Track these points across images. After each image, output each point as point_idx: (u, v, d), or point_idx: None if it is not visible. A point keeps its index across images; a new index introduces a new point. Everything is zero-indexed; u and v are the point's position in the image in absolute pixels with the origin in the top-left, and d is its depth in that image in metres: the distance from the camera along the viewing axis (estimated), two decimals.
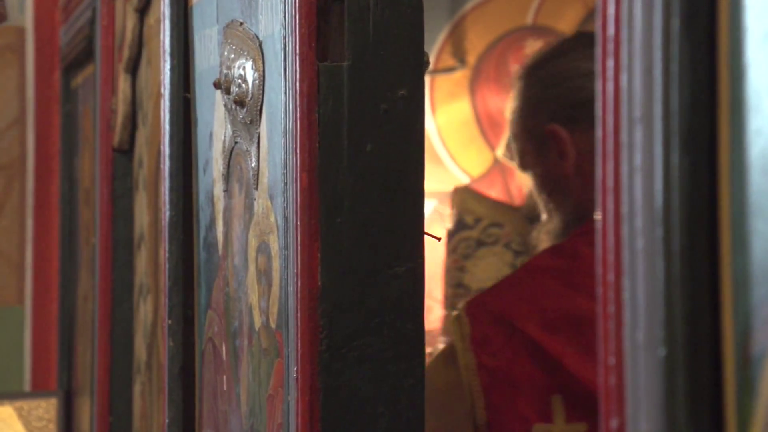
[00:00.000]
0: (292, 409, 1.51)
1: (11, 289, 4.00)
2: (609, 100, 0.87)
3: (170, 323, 2.05)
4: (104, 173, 2.89)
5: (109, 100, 2.87)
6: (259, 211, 1.68)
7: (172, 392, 2.05)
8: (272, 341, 1.63)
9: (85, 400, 3.39)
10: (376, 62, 1.50)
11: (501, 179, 4.47)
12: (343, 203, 1.50)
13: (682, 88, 0.82)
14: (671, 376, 0.81)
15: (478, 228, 3.94)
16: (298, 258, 1.50)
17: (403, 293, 1.51)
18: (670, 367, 0.81)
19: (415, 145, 1.52)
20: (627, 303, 0.85)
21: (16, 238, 4.00)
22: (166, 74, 2.10)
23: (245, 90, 1.70)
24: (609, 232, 0.87)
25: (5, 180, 4.01)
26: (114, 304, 2.86)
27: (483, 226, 3.93)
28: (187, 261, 2.05)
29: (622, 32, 0.86)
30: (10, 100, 4.00)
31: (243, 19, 1.73)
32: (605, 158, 0.87)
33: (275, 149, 1.60)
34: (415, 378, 1.51)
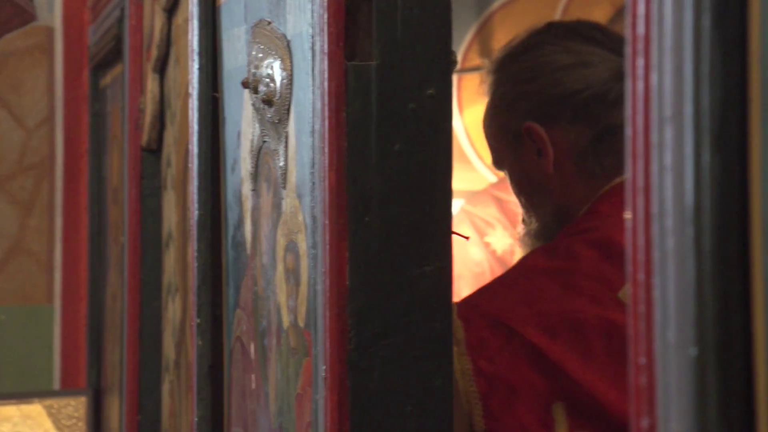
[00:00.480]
0: (321, 408, 1.51)
1: (40, 288, 4.02)
2: (639, 100, 0.87)
3: (199, 322, 2.06)
4: (132, 172, 2.90)
5: (138, 99, 2.88)
6: (287, 210, 1.68)
7: (200, 391, 2.06)
8: (300, 340, 1.63)
9: (114, 399, 3.40)
10: (404, 61, 1.50)
11: None
12: (371, 202, 1.50)
13: (712, 86, 0.82)
14: (702, 375, 0.81)
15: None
16: (326, 257, 1.50)
17: (431, 292, 1.51)
18: (701, 366, 0.81)
19: (443, 145, 1.52)
20: (657, 302, 0.84)
21: (45, 238, 4.02)
22: (194, 74, 2.10)
23: (273, 89, 1.71)
24: (639, 231, 0.87)
25: (34, 179, 4.03)
26: (142, 303, 2.87)
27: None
28: (215, 260, 2.06)
29: (652, 31, 0.85)
30: (39, 99, 4.02)
31: (271, 18, 1.73)
32: (635, 158, 0.87)
33: (303, 148, 1.61)
34: (444, 377, 1.51)
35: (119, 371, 3.14)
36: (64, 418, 3.65)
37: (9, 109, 4.02)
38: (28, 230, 4.02)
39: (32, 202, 4.02)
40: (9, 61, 4.01)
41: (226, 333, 2.02)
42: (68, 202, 3.99)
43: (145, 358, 2.85)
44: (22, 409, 3.65)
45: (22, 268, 4.01)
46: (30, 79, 4.01)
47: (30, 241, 4.01)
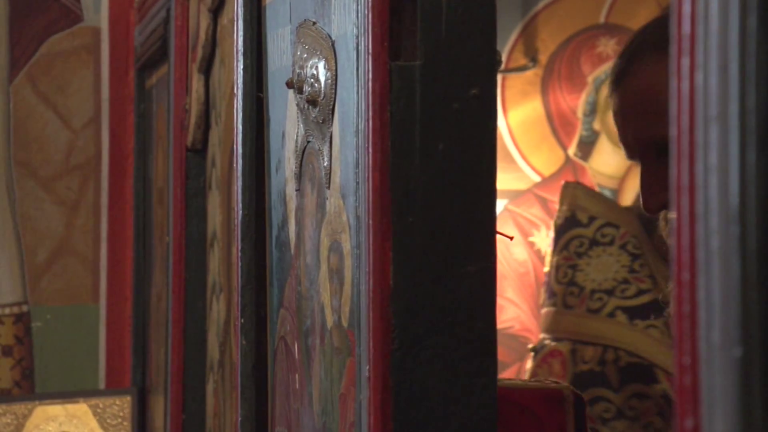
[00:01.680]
0: (364, 407, 1.51)
1: (86, 287, 4.05)
2: (684, 99, 0.87)
3: (243, 322, 2.06)
4: (178, 172, 2.91)
5: (183, 99, 2.89)
6: (331, 210, 1.69)
7: (244, 390, 2.06)
8: (344, 340, 1.63)
9: (158, 398, 3.42)
10: (449, 61, 1.50)
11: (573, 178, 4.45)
12: (415, 202, 1.50)
13: (758, 86, 0.82)
14: (747, 376, 0.80)
15: (592, 227, 3.87)
16: (370, 257, 1.50)
17: (474, 292, 1.51)
18: (745, 367, 0.80)
19: (487, 145, 1.52)
20: (702, 302, 0.84)
21: (90, 237, 4.05)
22: (239, 74, 2.11)
23: (318, 89, 1.71)
24: (684, 231, 0.86)
25: (80, 179, 4.06)
26: (187, 303, 2.88)
27: (597, 225, 3.87)
28: (259, 260, 2.06)
29: (698, 30, 0.85)
30: (85, 100, 4.05)
31: (316, 18, 1.74)
32: (680, 157, 0.87)
33: (347, 148, 1.61)
34: (488, 377, 1.51)
35: (164, 371, 3.16)
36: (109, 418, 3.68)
37: (55, 109, 4.05)
38: (73, 230, 4.05)
39: (78, 202, 4.05)
40: (55, 61, 4.04)
41: (270, 333, 2.03)
42: (114, 202, 4.02)
43: (189, 357, 2.86)
44: (67, 408, 3.68)
45: (68, 268, 4.04)
46: (76, 80, 4.04)
47: (76, 241, 4.04)
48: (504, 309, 4.27)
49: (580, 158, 4.48)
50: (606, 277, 3.80)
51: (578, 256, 3.84)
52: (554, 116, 4.45)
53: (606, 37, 4.38)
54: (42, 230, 4.04)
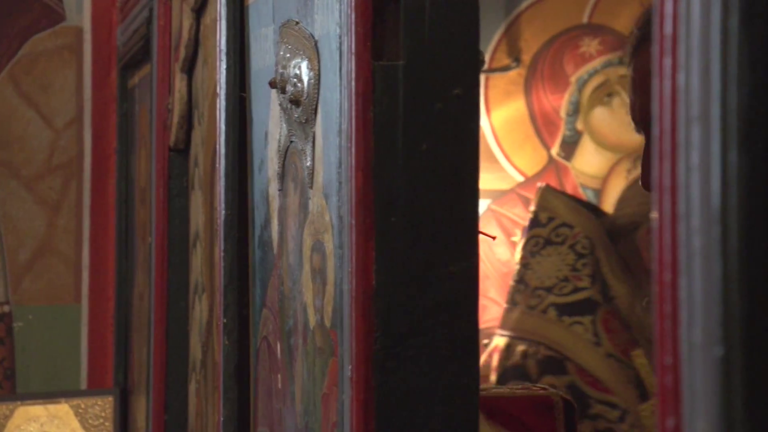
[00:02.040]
0: (347, 407, 1.51)
1: (68, 287, 4.04)
2: (666, 99, 0.87)
3: (225, 322, 2.06)
4: (160, 172, 2.91)
5: (166, 99, 2.89)
6: (314, 210, 1.69)
7: (227, 390, 2.06)
8: (327, 340, 1.63)
9: (140, 398, 3.42)
10: (432, 61, 1.50)
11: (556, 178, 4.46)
12: (398, 202, 1.50)
13: (740, 86, 0.82)
14: (728, 375, 0.80)
15: (549, 227, 3.94)
16: (353, 257, 1.50)
17: (457, 292, 1.51)
18: (727, 366, 0.80)
19: (470, 144, 1.52)
20: (683, 302, 0.84)
21: (73, 237, 4.04)
22: (222, 74, 2.11)
23: (301, 89, 1.71)
24: (666, 231, 0.86)
25: (63, 179, 4.05)
26: (170, 303, 2.87)
27: (554, 226, 3.93)
28: (242, 260, 2.06)
29: (680, 30, 0.85)
30: (67, 99, 4.04)
31: (299, 18, 1.74)
32: (662, 157, 0.87)
33: (330, 148, 1.61)
34: (470, 377, 1.51)
35: (146, 371, 3.15)
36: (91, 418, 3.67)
37: (37, 109, 4.04)
38: (56, 230, 4.04)
39: (60, 202, 4.04)
40: (38, 61, 4.03)
41: (253, 333, 2.03)
42: (96, 202, 4.01)
43: (172, 357, 2.86)
44: (49, 408, 3.67)
45: (50, 268, 4.03)
46: (58, 80, 4.03)
47: (58, 241, 4.03)
48: (487, 309, 4.27)
49: (563, 158, 4.49)
50: (549, 275, 3.87)
51: (532, 255, 3.93)
52: (537, 116, 4.45)
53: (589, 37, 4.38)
54: (24, 230, 4.03)
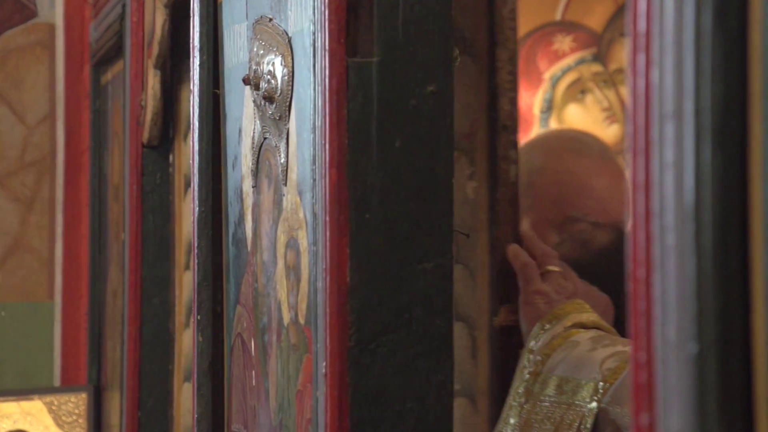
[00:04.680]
0: (321, 404, 1.51)
1: (41, 284, 4.02)
2: (639, 96, 0.87)
3: (199, 318, 2.06)
4: (133, 169, 2.90)
5: (139, 96, 2.88)
6: (288, 206, 1.68)
7: (200, 387, 2.06)
8: (301, 337, 1.63)
9: (114, 395, 3.41)
10: (406, 58, 1.50)
11: None
12: (372, 199, 1.50)
13: (713, 83, 0.82)
14: (702, 372, 0.81)
15: None
16: (327, 254, 1.50)
17: (432, 289, 1.51)
18: (701, 363, 0.81)
19: (444, 141, 1.52)
20: (657, 299, 0.84)
21: (46, 234, 4.02)
22: (196, 70, 2.10)
23: (274, 86, 1.71)
24: (639, 228, 0.87)
25: (35, 176, 4.03)
26: (143, 300, 2.87)
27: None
28: (215, 257, 2.06)
29: (653, 27, 0.85)
30: (40, 96, 4.02)
31: (272, 15, 1.73)
32: (636, 154, 0.87)
33: (304, 145, 1.61)
34: (444, 374, 1.51)
35: (120, 368, 3.14)
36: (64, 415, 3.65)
37: (10, 105, 4.02)
38: (28, 227, 4.02)
39: (33, 198, 4.02)
40: (10, 57, 4.01)
41: (227, 330, 2.02)
42: (69, 198, 3.99)
43: (145, 354, 2.85)
44: (22, 405, 3.65)
45: (23, 265, 4.02)
46: (31, 76, 4.01)
47: (31, 237, 4.02)
48: None
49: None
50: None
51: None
52: None
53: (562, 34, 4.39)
54: None
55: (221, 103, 2.05)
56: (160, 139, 2.82)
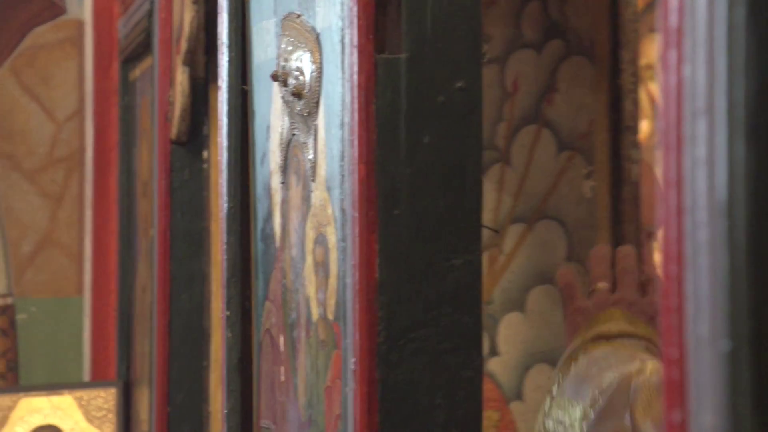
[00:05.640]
0: (350, 400, 1.51)
1: (71, 280, 4.04)
2: (671, 92, 0.86)
3: (228, 314, 2.06)
4: (162, 165, 2.90)
5: (167, 92, 2.88)
6: (317, 202, 1.68)
7: (230, 383, 2.06)
8: (330, 333, 1.63)
9: (143, 390, 3.42)
10: (434, 54, 1.50)
11: None
12: (401, 195, 1.50)
13: (746, 78, 0.82)
14: (735, 369, 0.80)
15: None
16: (355, 250, 1.50)
17: (460, 285, 1.51)
18: (734, 360, 0.80)
19: (473, 137, 1.52)
20: (690, 296, 0.84)
21: (75, 230, 4.04)
22: (224, 66, 2.10)
23: (303, 82, 1.71)
24: (671, 224, 0.86)
25: (65, 172, 4.04)
26: (172, 295, 2.87)
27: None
28: (244, 253, 2.06)
29: (685, 23, 0.85)
30: (69, 92, 4.03)
31: (300, 11, 1.73)
32: (668, 150, 0.87)
33: (332, 141, 1.61)
34: (473, 370, 1.51)
35: (149, 363, 3.15)
36: (93, 410, 3.67)
37: (39, 102, 4.04)
38: (58, 223, 4.04)
39: (62, 194, 4.04)
40: (39, 54, 4.03)
41: (256, 325, 2.02)
42: (98, 194, 4.01)
43: (174, 350, 2.86)
44: (52, 400, 3.67)
45: (53, 261, 4.04)
46: (60, 73, 4.03)
47: (60, 233, 4.03)
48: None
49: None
50: None
51: None
52: None
53: None
54: (26, 222, 4.03)
55: (249, 99, 2.06)
56: (188, 135, 2.83)
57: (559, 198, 2.17)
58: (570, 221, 2.18)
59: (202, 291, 2.87)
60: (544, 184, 2.17)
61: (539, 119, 2.19)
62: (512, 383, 2.21)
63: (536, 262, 2.30)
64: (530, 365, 2.28)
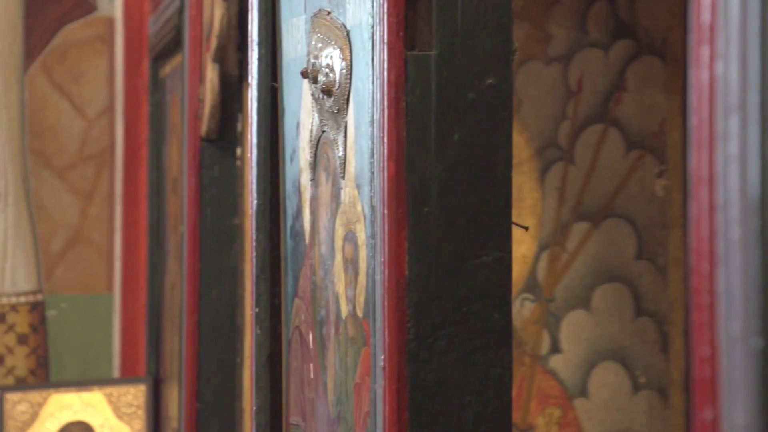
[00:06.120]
0: (379, 397, 1.51)
1: (100, 276, 4.06)
2: (703, 89, 0.86)
3: (257, 311, 2.06)
4: (192, 162, 2.91)
5: (197, 89, 2.89)
6: (346, 200, 1.68)
7: (259, 380, 2.06)
8: (359, 330, 1.63)
9: (173, 387, 3.43)
10: (464, 51, 1.50)
11: None
12: (431, 192, 1.49)
13: None
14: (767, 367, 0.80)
15: None
16: (385, 247, 1.50)
17: (490, 283, 1.50)
18: (765, 358, 0.80)
19: (503, 134, 1.52)
20: (722, 293, 0.83)
21: (105, 227, 4.05)
22: (254, 63, 2.11)
23: (332, 79, 1.71)
24: (703, 221, 0.86)
25: (95, 169, 4.06)
26: (201, 292, 2.88)
27: None
28: (274, 250, 2.06)
29: (718, 19, 0.84)
30: (99, 89, 4.05)
31: (330, 8, 1.73)
32: (699, 147, 0.86)
33: (362, 138, 1.61)
34: (503, 367, 1.50)
35: (178, 360, 3.16)
36: (123, 406, 3.68)
37: (70, 99, 4.06)
38: (88, 219, 4.05)
39: (92, 191, 4.05)
40: (70, 51, 4.04)
41: (285, 322, 2.03)
42: (128, 191, 4.02)
43: (203, 347, 2.86)
44: (82, 396, 3.69)
45: (83, 257, 4.05)
46: (90, 70, 4.04)
47: (90, 230, 4.05)
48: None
49: None
50: None
51: None
52: None
53: None
54: (57, 219, 4.04)
55: (279, 96, 2.06)
56: (218, 132, 2.83)
57: (627, 197, 2.16)
58: (640, 220, 2.18)
59: (232, 288, 2.88)
60: (612, 182, 2.16)
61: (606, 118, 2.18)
62: (576, 380, 2.20)
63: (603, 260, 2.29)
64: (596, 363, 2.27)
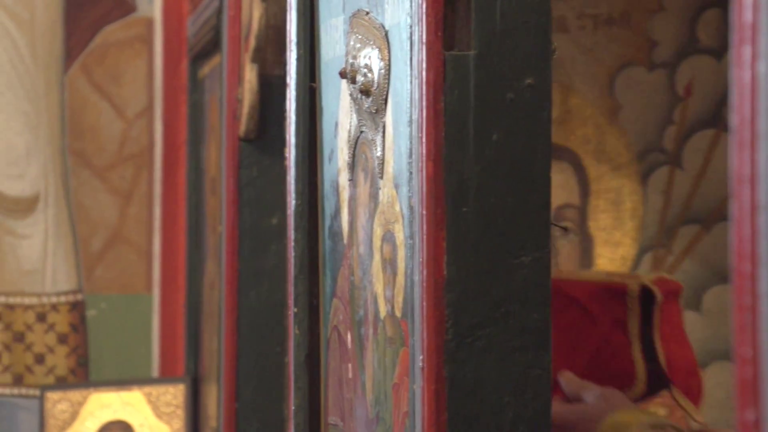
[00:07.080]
0: (418, 397, 1.51)
1: (140, 276, 4.07)
2: (745, 89, 0.85)
3: (296, 311, 2.07)
4: (230, 162, 2.92)
5: (236, 89, 2.90)
6: (384, 200, 1.68)
7: (297, 380, 2.07)
8: (397, 330, 1.63)
9: (212, 387, 3.44)
10: (503, 51, 1.49)
11: None
12: (469, 193, 1.49)
13: None
14: None
15: None
16: (423, 247, 1.49)
17: (529, 283, 1.50)
18: None
19: (542, 134, 1.51)
20: (764, 294, 0.83)
21: (144, 227, 4.07)
22: (293, 64, 2.11)
23: (371, 79, 1.71)
24: (745, 222, 0.85)
25: (134, 169, 4.08)
26: (240, 292, 2.89)
27: None
28: (312, 250, 2.07)
29: (760, 18, 0.84)
30: (138, 90, 4.07)
31: (369, 8, 1.74)
32: (741, 147, 0.85)
33: (401, 138, 1.60)
34: (542, 368, 1.50)
35: (217, 359, 3.17)
36: (162, 406, 3.70)
37: (109, 99, 4.08)
38: (127, 220, 4.07)
39: (131, 191, 4.07)
40: (109, 52, 4.06)
41: (323, 322, 2.03)
42: (167, 191, 4.04)
43: (242, 346, 2.87)
44: (122, 396, 3.70)
45: (122, 258, 4.07)
46: (130, 70, 4.06)
47: (129, 230, 4.07)
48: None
49: None
50: None
51: None
52: None
53: None
54: (96, 219, 4.07)
55: (318, 96, 2.06)
56: (257, 132, 2.84)
57: None
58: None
59: (271, 287, 2.88)
60: (723, 187, 2.14)
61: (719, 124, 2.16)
62: None
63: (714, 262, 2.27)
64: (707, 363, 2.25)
